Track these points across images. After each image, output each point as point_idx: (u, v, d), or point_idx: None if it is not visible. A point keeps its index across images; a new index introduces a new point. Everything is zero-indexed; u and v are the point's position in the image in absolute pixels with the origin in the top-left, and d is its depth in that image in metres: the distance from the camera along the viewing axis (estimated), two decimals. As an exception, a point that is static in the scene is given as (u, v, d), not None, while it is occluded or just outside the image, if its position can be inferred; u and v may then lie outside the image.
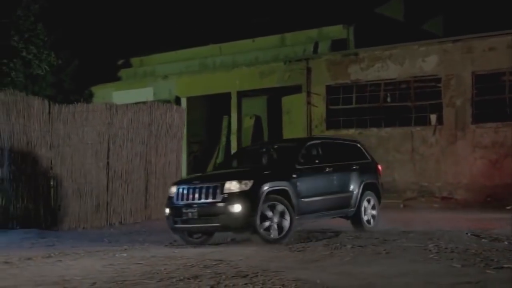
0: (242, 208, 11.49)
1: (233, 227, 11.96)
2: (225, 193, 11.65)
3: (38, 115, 16.09)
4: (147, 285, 7.67)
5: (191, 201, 12.07)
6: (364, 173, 14.19)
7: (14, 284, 7.90)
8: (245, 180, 11.75)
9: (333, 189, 13.41)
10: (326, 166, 13.43)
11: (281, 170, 12.80)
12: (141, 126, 17.51)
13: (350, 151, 14.63)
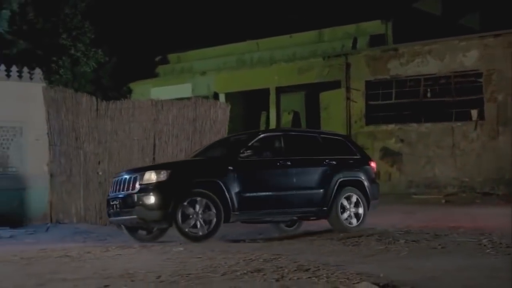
0: (156, 199, 11.04)
1: (149, 220, 11.45)
2: (142, 184, 11.22)
3: (86, 112, 16.34)
4: (211, 278, 7.77)
5: (117, 192, 11.76)
6: (343, 169, 13.18)
7: (81, 277, 8.05)
8: (163, 170, 11.33)
9: (292, 185, 12.50)
10: (283, 159, 12.58)
11: (216, 161, 12.33)
12: (185, 122, 17.64)
13: (329, 146, 13.54)
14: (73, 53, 20.28)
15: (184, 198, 11.16)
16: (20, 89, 15.65)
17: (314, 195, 12.70)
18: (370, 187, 13.43)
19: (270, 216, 12.69)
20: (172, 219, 11.08)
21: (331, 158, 13.13)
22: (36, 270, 8.70)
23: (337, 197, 12.83)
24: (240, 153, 12.05)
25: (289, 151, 12.79)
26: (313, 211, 12.86)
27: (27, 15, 19.45)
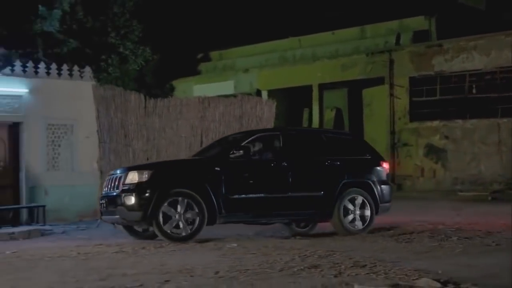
0: (136, 200, 10.84)
1: (130, 220, 11.31)
2: (125, 184, 11.06)
3: (135, 109, 16.52)
4: (269, 274, 7.85)
5: (106, 191, 11.67)
6: (348, 170, 12.59)
7: (141, 272, 8.18)
8: (145, 170, 11.14)
9: (287, 186, 11.97)
10: (277, 160, 12.15)
11: (202, 162, 12.06)
12: (232, 119, 17.74)
13: (334, 146, 12.97)
14: (121, 51, 20.52)
15: (165, 198, 10.90)
16: (71, 88, 15.94)
17: (312, 197, 12.16)
18: (380, 189, 12.73)
19: (261, 218, 12.28)
20: (152, 220, 10.85)
21: (334, 158, 12.54)
22: (95, 265, 8.88)
23: (340, 199, 12.22)
24: (230, 154, 11.66)
25: (288, 151, 12.32)
26: (312, 213, 12.39)
27: (77, 14, 19.75)
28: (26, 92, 15.41)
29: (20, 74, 15.55)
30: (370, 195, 12.54)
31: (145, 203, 10.77)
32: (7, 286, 7.40)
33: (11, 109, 15.25)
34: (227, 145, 12.33)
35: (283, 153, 12.26)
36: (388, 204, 12.98)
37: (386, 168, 13.17)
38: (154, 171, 11.11)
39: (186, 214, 10.99)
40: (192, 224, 11.03)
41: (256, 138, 12.49)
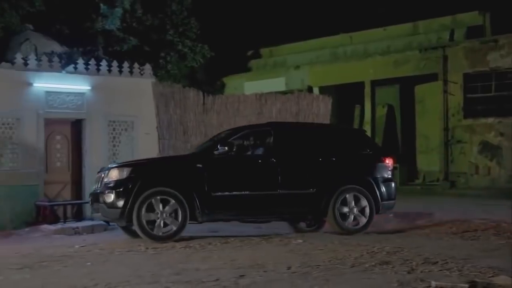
0: (115, 197, 10.75)
1: (110, 218, 11.38)
2: (107, 181, 11.01)
3: (194, 106, 16.72)
4: (342, 269, 7.93)
5: (94, 188, 11.66)
6: (343, 167, 12.22)
7: (212, 267, 8.33)
8: (125, 168, 11.05)
9: (275, 184, 11.61)
10: (265, 157, 11.83)
11: (185, 159, 11.93)
12: (289, 115, 17.83)
13: (331, 141, 12.61)
14: (180, 48, 20.73)
15: (144, 196, 10.71)
16: (131, 85, 16.12)
17: (303, 195, 11.77)
18: (381, 186, 12.30)
19: (246, 216, 12.00)
20: (130, 218, 10.71)
21: (328, 154, 12.14)
22: (166, 260, 9.05)
23: (335, 197, 11.82)
24: (214, 150, 11.44)
25: (278, 147, 11.91)
26: (304, 211, 12.06)
27: (136, 12, 20.01)
28: (88, 89, 15.66)
29: (83, 72, 15.79)
30: (369, 193, 12.11)
31: (124, 200, 10.66)
32: (87, 279, 7.58)
33: (74, 106, 15.51)
34: (214, 142, 12.02)
35: (273, 149, 11.90)
36: (392, 202, 12.54)
37: (389, 164, 12.65)
38: (133, 168, 10.99)
39: (167, 213, 10.83)
40: (173, 223, 10.86)
41: (245, 134, 12.32)
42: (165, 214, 10.80)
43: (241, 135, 12.23)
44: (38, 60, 15.46)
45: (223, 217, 11.69)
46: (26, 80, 15.07)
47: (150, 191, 10.72)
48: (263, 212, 11.84)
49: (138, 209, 10.62)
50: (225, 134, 12.39)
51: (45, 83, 15.27)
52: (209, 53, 21.70)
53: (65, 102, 15.41)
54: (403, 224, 13.97)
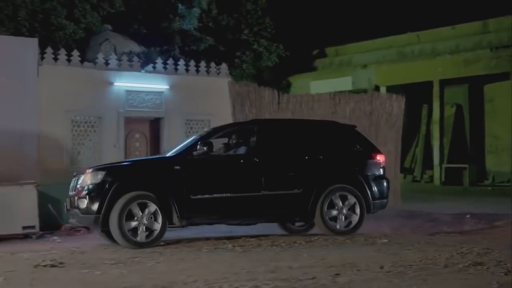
0: (89, 203, 10.14)
1: (85, 224, 10.90)
2: (80, 186, 10.45)
3: (268, 105, 16.84)
4: (436, 270, 7.89)
5: (70, 192, 10.97)
6: (332, 165, 11.58)
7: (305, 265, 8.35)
8: (99, 171, 10.36)
9: (259, 185, 10.97)
10: (247, 156, 11.15)
11: (162, 160, 11.19)
12: (362, 115, 17.83)
13: (319, 138, 11.88)
14: (255, 48, 20.92)
15: (121, 201, 10.10)
16: (208, 84, 16.37)
17: (289, 196, 11.15)
18: (372, 184, 11.64)
19: (228, 219, 11.30)
20: (106, 224, 10.13)
21: (315, 152, 11.51)
22: (256, 257, 9.09)
23: (323, 197, 11.20)
24: (192, 151, 10.76)
25: (262, 146, 11.25)
26: (290, 213, 11.43)
27: (212, 12, 20.28)
28: (166, 88, 15.96)
29: (161, 71, 16.11)
30: (359, 191, 11.48)
31: (98, 206, 10.07)
32: (183, 275, 7.67)
33: (153, 105, 15.82)
34: (192, 142, 11.21)
35: (256, 148, 11.19)
36: (385, 200, 11.90)
37: (380, 161, 12.00)
38: (107, 172, 10.32)
39: (145, 218, 10.23)
40: (151, 229, 10.28)
41: (227, 132, 11.66)
42: (145, 219, 10.21)
43: (222, 133, 11.63)
44: (118, 60, 15.78)
45: (203, 220, 11.03)
46: (108, 80, 15.50)
47: (127, 196, 10.13)
48: (247, 215, 11.17)
49: (118, 215, 10.02)
50: (205, 133, 11.62)
51: (125, 82, 15.68)
52: (284, 52, 21.83)
53: (144, 101, 15.74)
54: (482, 225, 13.79)
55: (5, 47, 14.38)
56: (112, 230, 10.16)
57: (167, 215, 10.35)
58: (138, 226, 10.19)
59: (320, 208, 11.20)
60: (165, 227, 10.34)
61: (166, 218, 10.33)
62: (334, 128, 12.42)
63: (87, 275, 7.89)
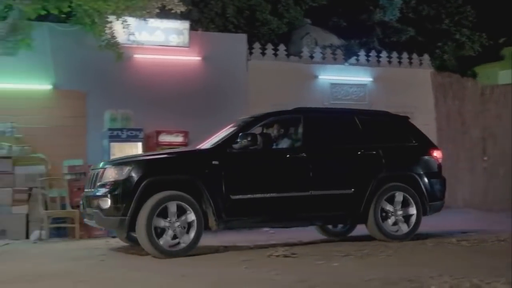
0: (112, 203, 8.72)
1: (109, 227, 9.66)
2: (101, 183, 9.02)
3: (471, 96, 16.43)
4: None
5: (86, 189, 9.76)
6: (387, 161, 10.14)
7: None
8: (124, 166, 8.89)
9: (307, 184, 9.62)
10: (295, 151, 9.79)
11: (198, 154, 9.55)
12: None
13: (372, 131, 10.40)
14: (458, 37, 20.48)
15: (149, 202, 8.71)
16: (410, 75, 16.19)
17: (340, 196, 9.86)
18: (429, 183, 10.36)
19: (272, 223, 10.18)
20: (133, 228, 8.79)
21: (369, 146, 10.13)
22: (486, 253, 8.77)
23: (376, 198, 9.96)
24: (232, 143, 9.36)
25: (310, 139, 9.87)
26: (340, 216, 10.19)
27: (411, 2, 20.06)
28: (370, 80, 15.96)
29: (364, 63, 16.12)
30: (415, 192, 10.23)
31: (124, 207, 8.67)
32: (425, 269, 7.55)
33: (356, 97, 15.89)
34: (231, 133, 9.66)
35: (303, 141, 9.85)
36: (440, 202, 10.61)
37: (437, 158, 10.65)
38: (134, 167, 8.84)
39: (178, 221, 8.80)
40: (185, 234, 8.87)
41: (269, 122, 10.30)
42: (177, 223, 8.78)
43: (264, 123, 10.29)
44: (322, 53, 15.94)
45: (244, 224, 9.81)
46: (313, 73, 15.72)
47: (158, 195, 8.74)
48: (293, 217, 9.80)
49: (147, 218, 8.60)
50: (245, 123, 9.91)
51: (329, 75, 15.83)
52: (487, 41, 21.19)
53: (348, 93, 15.84)
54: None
55: (216, 43, 15.00)
56: (139, 235, 8.76)
57: (204, 218, 9.00)
58: (169, 231, 8.76)
59: (373, 209, 9.95)
60: (201, 232, 8.91)
61: (202, 222, 8.92)
62: (386, 119, 10.96)
63: (324, 266, 7.88)
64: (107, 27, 13.16)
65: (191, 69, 14.71)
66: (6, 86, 13.28)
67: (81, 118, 13.70)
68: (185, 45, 14.49)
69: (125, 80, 14.12)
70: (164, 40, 14.36)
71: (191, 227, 8.82)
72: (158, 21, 14.02)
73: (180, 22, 14.52)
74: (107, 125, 13.14)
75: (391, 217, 10.07)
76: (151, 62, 14.40)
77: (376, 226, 9.96)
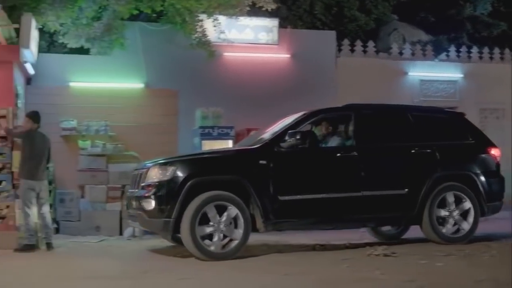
0: (157, 205, 8.47)
1: (154, 229, 9.15)
2: (145, 183, 8.77)
3: None
4: None
5: (130, 190, 9.60)
6: (442, 160, 9.66)
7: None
8: (169, 166, 8.62)
9: (359, 184, 9.21)
10: (346, 149, 9.44)
11: (244, 153, 9.16)
12: None
13: (425, 128, 9.92)
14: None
15: (194, 203, 8.43)
16: (502, 71, 15.89)
17: (394, 196, 9.45)
18: (487, 183, 9.83)
19: (323, 225, 9.69)
20: (177, 229, 8.52)
21: (424, 144, 9.68)
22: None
23: (431, 198, 9.53)
24: (280, 142, 9.02)
25: (361, 136, 9.50)
26: (394, 217, 9.77)
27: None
28: (460, 77, 15.68)
29: (455, 59, 15.83)
30: (472, 192, 9.75)
31: (168, 209, 8.43)
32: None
33: (446, 94, 15.66)
34: (280, 131, 9.26)
35: (354, 139, 9.50)
36: (499, 202, 10.07)
37: (495, 156, 10.11)
38: (179, 166, 8.59)
39: (224, 223, 8.50)
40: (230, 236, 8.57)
41: (319, 119, 9.89)
42: (223, 225, 8.49)
43: (313, 121, 9.83)
44: (412, 49, 15.72)
45: (293, 226, 9.41)
46: (402, 69, 15.53)
47: (202, 196, 8.46)
48: (343, 219, 9.40)
49: (191, 220, 8.36)
50: (294, 121, 9.48)
51: (419, 71, 15.61)
52: None
53: (438, 90, 15.62)
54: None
55: (305, 41, 14.98)
56: (184, 237, 8.50)
57: (252, 219, 8.72)
58: (215, 233, 8.48)
59: (428, 211, 9.54)
60: (248, 234, 8.62)
61: (249, 224, 8.64)
62: (441, 116, 10.51)
63: (428, 266, 7.75)
64: (198, 25, 13.28)
65: (280, 66, 14.73)
66: (100, 85, 13.53)
67: (172, 116, 13.82)
68: (274, 42, 14.54)
69: (215, 78, 14.23)
70: (253, 38, 14.44)
71: (238, 227, 8.54)
72: (248, 19, 14.08)
73: (269, 20, 14.54)
74: (198, 123, 13.30)
75: (447, 219, 9.67)
76: (240, 60, 14.49)
77: (432, 228, 9.58)
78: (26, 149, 10.11)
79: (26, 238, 9.94)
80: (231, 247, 8.49)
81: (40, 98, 12.84)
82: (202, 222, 8.41)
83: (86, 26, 12.99)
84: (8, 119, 10.56)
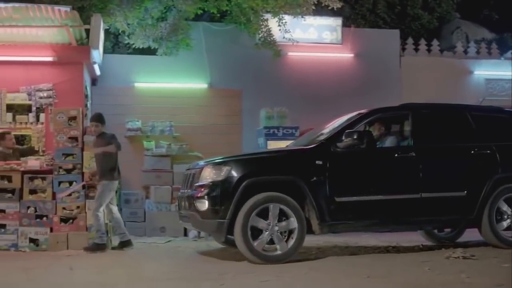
0: (210, 205, 8.33)
1: (205, 230, 9.20)
2: (198, 183, 8.60)
3: None
4: None
5: (182, 190, 9.44)
6: (502, 161, 9.31)
7: None
8: (222, 166, 8.48)
9: (416, 185, 8.95)
10: (404, 149, 9.20)
11: (299, 154, 8.93)
12: None
13: (485, 129, 9.57)
14: None
15: (247, 204, 8.29)
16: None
17: (452, 198, 9.13)
18: None
19: (380, 227, 9.65)
20: (231, 231, 8.35)
21: (484, 146, 9.39)
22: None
23: (491, 200, 9.22)
24: (336, 142, 8.82)
25: (419, 137, 9.26)
26: (452, 220, 9.43)
27: None
28: (526, 76, 15.37)
29: (523, 57, 15.58)
30: None
31: (222, 209, 8.29)
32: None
33: (508, 94, 15.35)
34: (336, 130, 9.10)
35: (412, 140, 9.26)
36: None
37: None
38: (233, 167, 8.45)
39: (279, 225, 8.35)
40: (286, 238, 8.41)
41: (376, 119, 9.64)
42: (278, 227, 8.34)
43: (370, 121, 9.55)
44: (477, 48, 15.46)
45: (350, 228, 9.11)
46: (467, 68, 15.27)
47: (257, 197, 8.33)
48: (401, 221, 9.23)
49: (243, 221, 8.25)
50: (350, 120, 9.31)
51: (484, 70, 15.33)
52: None
53: (504, 89, 15.35)
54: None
55: (369, 40, 14.86)
56: (237, 239, 8.33)
57: (308, 221, 8.59)
58: (268, 236, 8.32)
59: (488, 213, 9.23)
60: (303, 237, 8.46)
61: (305, 226, 8.50)
62: (501, 115, 10.11)
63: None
64: (263, 25, 13.21)
65: (344, 66, 14.60)
66: (165, 86, 13.58)
67: (236, 116, 13.82)
68: (338, 42, 14.41)
69: (279, 78, 14.16)
70: (317, 37, 14.33)
71: (291, 233, 8.39)
72: (311, 18, 13.96)
73: (333, 19, 14.42)
74: (262, 123, 13.23)
75: (507, 222, 9.35)
76: (304, 60, 14.38)
77: (492, 231, 9.26)
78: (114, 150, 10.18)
79: (98, 237, 9.96)
80: (286, 249, 8.32)
81: (106, 99, 12.99)
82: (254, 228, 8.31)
83: (152, 26, 13.03)
84: (78, 119, 10.60)
